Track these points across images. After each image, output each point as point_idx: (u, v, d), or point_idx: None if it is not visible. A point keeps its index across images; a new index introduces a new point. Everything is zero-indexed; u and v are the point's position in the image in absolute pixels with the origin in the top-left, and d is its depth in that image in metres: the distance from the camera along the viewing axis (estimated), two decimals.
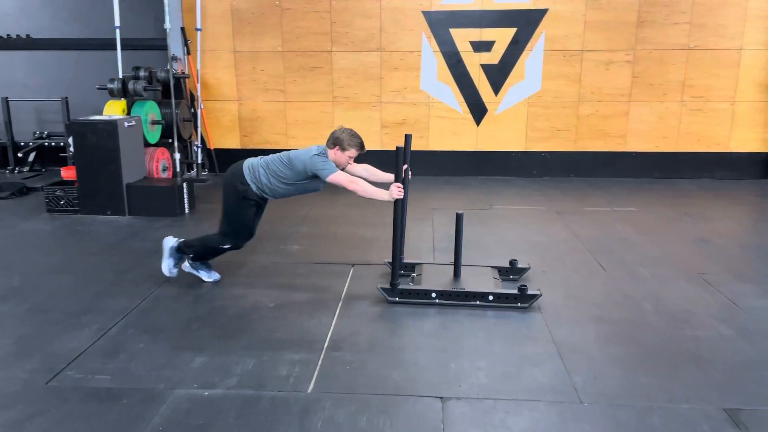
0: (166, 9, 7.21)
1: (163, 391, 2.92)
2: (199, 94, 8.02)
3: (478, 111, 8.14)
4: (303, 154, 3.98)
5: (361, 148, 4.03)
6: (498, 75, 8.03)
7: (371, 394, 2.91)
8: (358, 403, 2.83)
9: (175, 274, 4.30)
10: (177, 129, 7.34)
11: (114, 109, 6.82)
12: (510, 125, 8.15)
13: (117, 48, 7.16)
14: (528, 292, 3.89)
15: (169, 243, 4.25)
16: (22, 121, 8.43)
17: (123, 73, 7.16)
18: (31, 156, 8.30)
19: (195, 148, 8.06)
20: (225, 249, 4.21)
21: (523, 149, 8.21)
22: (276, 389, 2.95)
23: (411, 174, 4.10)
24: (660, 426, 2.67)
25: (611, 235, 5.56)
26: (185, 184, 6.29)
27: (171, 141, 7.30)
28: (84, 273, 4.58)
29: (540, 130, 8.13)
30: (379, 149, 7.92)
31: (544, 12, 7.79)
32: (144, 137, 6.67)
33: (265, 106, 8.26)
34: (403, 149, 3.90)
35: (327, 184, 3.96)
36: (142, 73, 7.12)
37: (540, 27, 7.83)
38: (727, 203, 6.87)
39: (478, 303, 3.93)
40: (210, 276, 4.35)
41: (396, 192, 3.83)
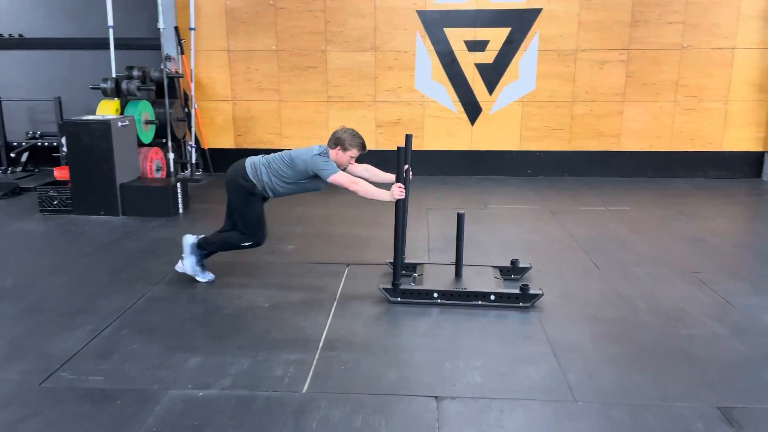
0: (159, 8, 7.19)
1: (158, 392, 2.91)
2: (193, 93, 8.01)
3: (472, 110, 8.15)
4: (304, 153, 3.98)
5: (363, 148, 4.03)
6: (492, 74, 8.04)
7: (366, 393, 2.91)
8: (353, 403, 2.83)
9: (199, 272, 4.32)
10: (171, 129, 7.32)
11: (107, 109, 6.80)
12: (504, 125, 8.16)
13: (110, 47, 7.13)
14: (530, 291, 3.90)
15: (189, 240, 4.27)
16: (14, 121, 8.40)
17: (116, 73, 7.12)
18: (24, 156, 8.25)
19: (189, 147, 8.04)
20: (246, 246, 4.21)
21: (518, 149, 8.23)
22: (271, 389, 2.95)
23: (412, 174, 4.10)
24: (654, 424, 2.68)
25: (606, 235, 5.58)
26: (179, 184, 6.28)
27: (165, 141, 7.27)
28: (78, 273, 4.56)
29: (534, 129, 8.15)
30: (374, 149, 7.87)
31: (538, 12, 7.80)
32: (137, 137, 6.64)
33: (260, 105, 8.25)
34: (404, 149, 3.90)
35: (328, 183, 3.96)
36: (135, 73, 7.10)
37: (534, 26, 7.85)
38: (721, 202, 6.90)
39: (480, 303, 3.92)
40: (204, 276, 4.34)
41: (397, 192, 3.84)
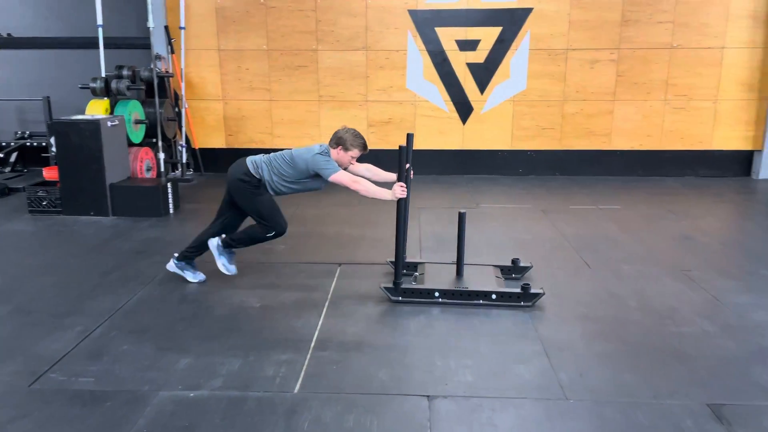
0: (149, 7, 7.15)
1: (148, 393, 2.90)
2: (184, 93, 7.97)
3: (464, 110, 8.16)
4: (305, 152, 3.97)
5: (364, 148, 4.03)
6: (484, 74, 8.05)
7: (358, 393, 2.91)
8: (344, 403, 2.82)
9: (234, 270, 4.31)
10: (161, 128, 7.28)
11: (97, 109, 6.75)
12: (496, 124, 8.17)
13: (100, 47, 7.09)
14: (531, 290, 3.90)
15: (213, 243, 4.26)
16: (3, 121, 8.36)
17: (106, 72, 7.09)
18: (13, 156, 8.19)
19: (180, 147, 8.00)
20: (271, 237, 4.17)
21: (509, 148, 8.24)
22: (262, 390, 2.94)
23: (413, 173, 4.10)
24: (644, 422, 2.69)
25: (596, 233, 5.60)
26: (170, 184, 6.24)
27: (155, 140, 7.23)
28: (67, 274, 4.53)
29: (525, 128, 8.17)
30: None
31: (529, 11, 7.82)
32: (127, 137, 6.61)
33: (251, 105, 8.22)
34: (405, 148, 3.90)
35: (328, 183, 3.95)
36: (125, 72, 7.06)
37: (525, 26, 7.86)
38: (711, 201, 6.95)
39: (481, 302, 3.92)
40: (195, 276, 4.33)
41: (399, 191, 3.84)
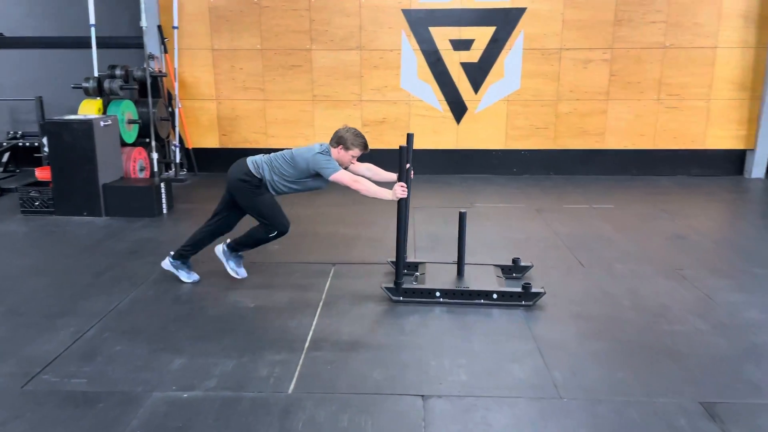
0: (142, 7, 7.13)
1: (141, 394, 2.89)
2: (177, 92, 7.94)
3: (458, 109, 8.17)
4: (306, 152, 3.97)
5: (365, 148, 4.02)
6: (478, 73, 8.06)
7: (352, 393, 2.91)
8: (339, 403, 2.82)
9: (244, 273, 4.32)
10: (154, 128, 7.26)
11: (89, 109, 6.72)
12: (490, 123, 8.19)
13: (92, 46, 7.06)
14: (532, 290, 3.90)
15: (220, 250, 4.27)
16: None
17: (98, 72, 7.06)
18: (5, 156, 8.15)
19: (173, 147, 7.97)
20: (274, 237, 4.17)
21: (503, 147, 8.26)
22: (256, 390, 2.93)
23: (413, 173, 4.10)
24: (638, 420, 2.70)
25: (590, 232, 5.61)
26: (163, 184, 6.22)
27: (148, 140, 7.21)
28: (60, 275, 4.50)
29: (519, 128, 8.19)
30: None
31: (522, 11, 7.84)
32: (120, 137, 6.58)
33: (244, 104, 8.20)
34: (406, 148, 3.90)
35: (329, 182, 3.95)
36: (118, 72, 7.04)
37: (519, 25, 7.88)
38: (703, 200, 6.98)
39: (482, 301, 3.92)
40: (189, 277, 4.31)
41: (399, 191, 3.84)
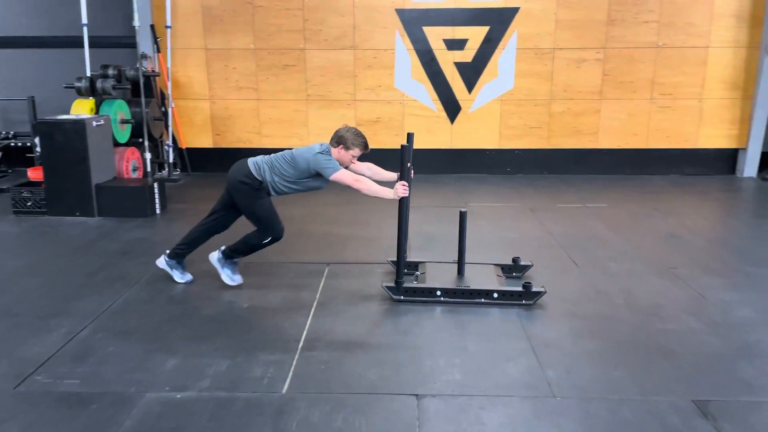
0: (134, 6, 7.09)
1: (134, 395, 2.88)
2: (170, 92, 7.91)
3: (452, 109, 8.18)
4: (306, 152, 3.96)
5: (365, 147, 4.02)
6: (471, 73, 8.07)
7: (347, 393, 2.91)
8: (333, 403, 2.82)
9: (239, 280, 4.27)
10: (147, 128, 7.22)
11: (82, 108, 6.69)
12: (484, 123, 8.20)
13: (84, 46, 7.02)
14: (532, 289, 3.91)
15: (214, 257, 4.23)
16: None
17: (91, 72, 7.03)
18: None
19: (166, 147, 7.95)
20: (268, 243, 4.15)
21: (497, 147, 8.27)
22: (250, 390, 2.93)
23: (414, 172, 4.10)
24: (631, 418, 2.71)
25: (583, 232, 5.63)
26: (156, 184, 6.20)
27: (141, 140, 7.18)
28: (52, 275, 4.48)
29: (513, 127, 8.20)
30: None
31: (516, 10, 7.85)
32: (113, 137, 6.55)
33: (238, 104, 8.18)
34: (408, 147, 3.89)
35: (330, 182, 3.94)
36: (110, 72, 7.01)
37: (512, 25, 7.89)
38: (696, 199, 7.01)
39: (483, 301, 3.93)
40: (183, 277, 4.30)
41: (401, 190, 3.84)
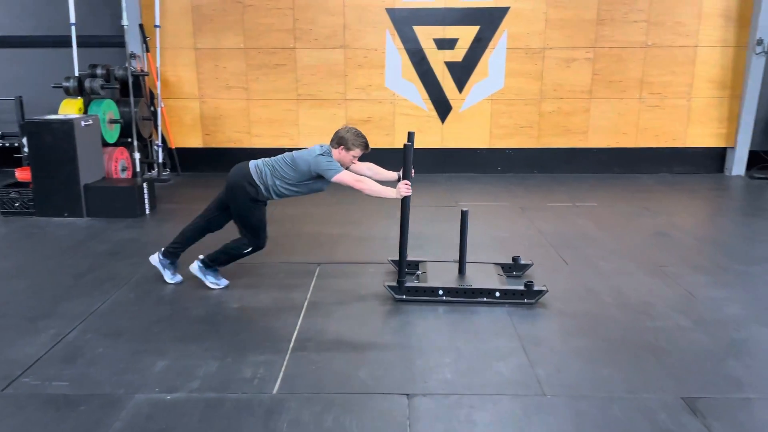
0: (123, 5, 7.04)
1: (124, 396, 2.86)
2: (159, 92, 7.87)
3: (442, 108, 8.19)
4: (307, 154, 3.94)
5: (366, 147, 4.01)
6: (462, 72, 8.08)
7: (337, 393, 2.90)
8: (323, 403, 2.81)
9: (225, 282, 4.24)
10: (136, 128, 7.18)
11: (70, 108, 6.64)
12: (474, 122, 8.21)
13: (73, 45, 6.97)
14: (534, 288, 3.92)
15: (195, 268, 4.20)
16: None
17: (79, 71, 6.98)
18: None
19: (156, 147, 7.90)
20: (249, 252, 4.14)
21: (488, 146, 8.29)
22: (240, 391, 2.92)
23: (414, 171, 4.11)
24: (620, 416, 2.72)
25: (573, 230, 5.65)
26: (145, 184, 6.17)
27: (130, 140, 7.13)
28: (40, 277, 4.45)
29: (504, 127, 8.22)
30: None
31: (506, 10, 7.87)
32: (102, 137, 6.51)
33: (228, 104, 8.15)
34: (410, 147, 3.90)
35: (331, 183, 3.93)
36: (99, 71, 6.96)
37: (502, 25, 7.91)
38: (685, 197, 7.06)
39: (485, 300, 3.93)
40: (173, 278, 4.28)
41: (404, 190, 3.84)
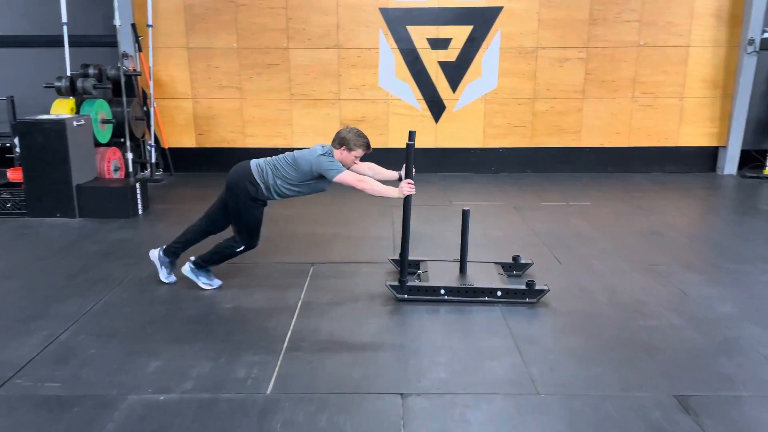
0: (115, 4, 7.02)
1: (116, 398, 2.85)
2: (152, 91, 7.84)
3: (436, 108, 8.19)
4: (308, 154, 3.94)
5: (368, 148, 4.00)
6: (455, 72, 8.09)
7: (331, 393, 2.90)
8: (317, 403, 2.81)
9: (218, 282, 4.23)
10: (129, 128, 7.15)
11: (62, 108, 6.61)
12: (468, 122, 8.22)
13: (64, 45, 6.94)
14: (536, 287, 3.93)
15: (187, 269, 4.18)
16: None
17: (71, 71, 6.94)
18: None
19: (148, 147, 7.87)
20: (240, 252, 4.13)
21: (481, 146, 8.30)
22: (234, 391, 2.91)
23: (415, 171, 4.11)
24: (613, 414, 2.73)
25: (567, 229, 5.67)
26: (138, 184, 6.14)
27: (123, 140, 7.11)
28: (32, 277, 4.42)
29: (497, 126, 8.23)
30: None
31: (499, 10, 7.88)
32: (94, 137, 6.48)
33: (221, 104, 8.13)
34: (413, 146, 3.90)
35: (332, 183, 3.93)
36: (91, 71, 6.93)
37: (496, 24, 7.92)
38: (677, 196, 7.09)
39: (486, 299, 3.94)
40: (168, 278, 4.27)
41: (407, 189, 3.85)
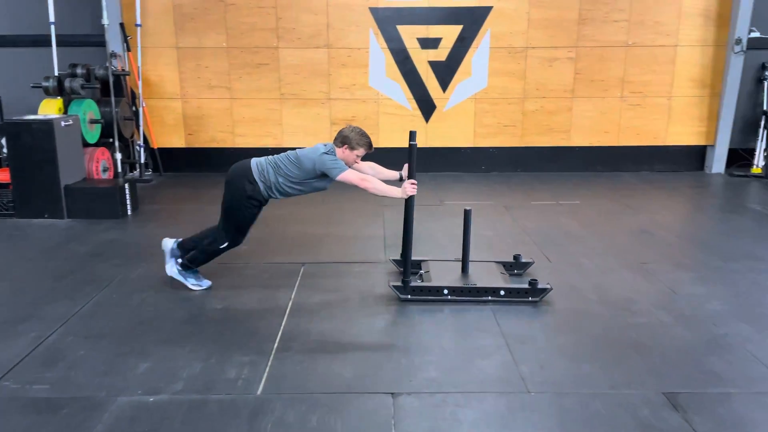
0: (103, 4, 6.98)
1: (106, 399, 2.83)
2: (141, 91, 7.79)
3: (426, 108, 8.20)
4: (311, 152, 3.93)
5: (370, 147, 4.00)
6: (445, 72, 8.10)
7: (322, 393, 2.90)
8: (308, 403, 2.81)
9: (208, 283, 4.21)
10: (117, 128, 7.10)
11: (50, 108, 6.56)
12: (458, 121, 8.24)
13: (52, 44, 6.89)
14: (539, 286, 3.94)
15: (175, 271, 4.15)
16: None
17: (59, 71, 6.89)
18: None
19: (137, 147, 7.83)
20: (225, 249, 4.10)
21: (472, 145, 8.32)
22: (224, 392, 2.90)
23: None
24: (603, 412, 2.75)
25: (557, 228, 5.69)
26: (127, 185, 6.10)
27: (111, 140, 7.06)
28: (20, 279, 4.39)
29: (487, 126, 8.26)
30: None
31: (488, 9, 7.90)
32: (82, 137, 6.44)
33: (211, 103, 8.09)
34: (415, 146, 3.90)
35: (334, 182, 3.92)
36: (79, 71, 6.86)
37: (485, 24, 7.94)
38: (666, 195, 7.14)
39: (489, 298, 3.95)
40: (171, 270, 4.18)
41: (410, 189, 3.85)
